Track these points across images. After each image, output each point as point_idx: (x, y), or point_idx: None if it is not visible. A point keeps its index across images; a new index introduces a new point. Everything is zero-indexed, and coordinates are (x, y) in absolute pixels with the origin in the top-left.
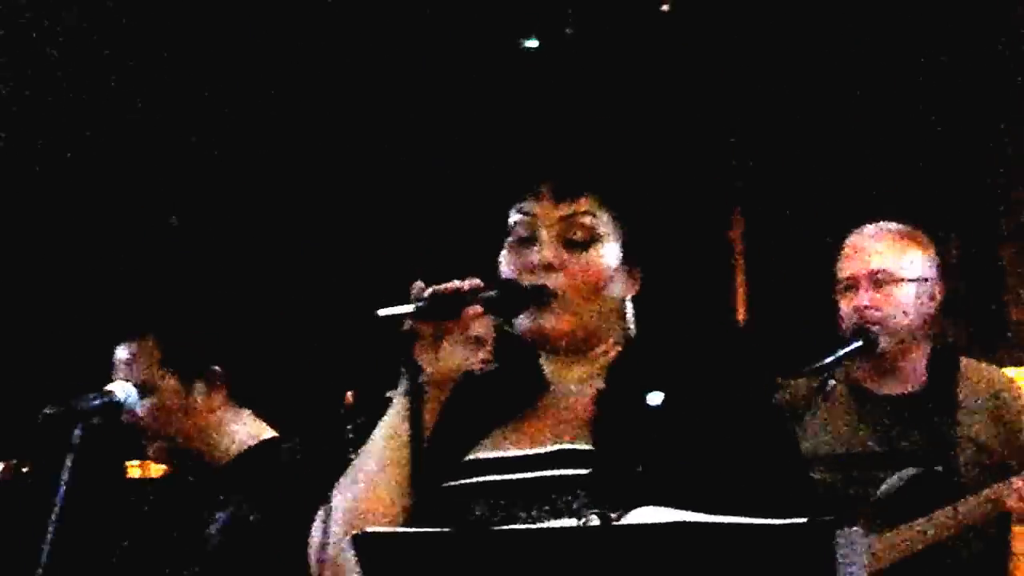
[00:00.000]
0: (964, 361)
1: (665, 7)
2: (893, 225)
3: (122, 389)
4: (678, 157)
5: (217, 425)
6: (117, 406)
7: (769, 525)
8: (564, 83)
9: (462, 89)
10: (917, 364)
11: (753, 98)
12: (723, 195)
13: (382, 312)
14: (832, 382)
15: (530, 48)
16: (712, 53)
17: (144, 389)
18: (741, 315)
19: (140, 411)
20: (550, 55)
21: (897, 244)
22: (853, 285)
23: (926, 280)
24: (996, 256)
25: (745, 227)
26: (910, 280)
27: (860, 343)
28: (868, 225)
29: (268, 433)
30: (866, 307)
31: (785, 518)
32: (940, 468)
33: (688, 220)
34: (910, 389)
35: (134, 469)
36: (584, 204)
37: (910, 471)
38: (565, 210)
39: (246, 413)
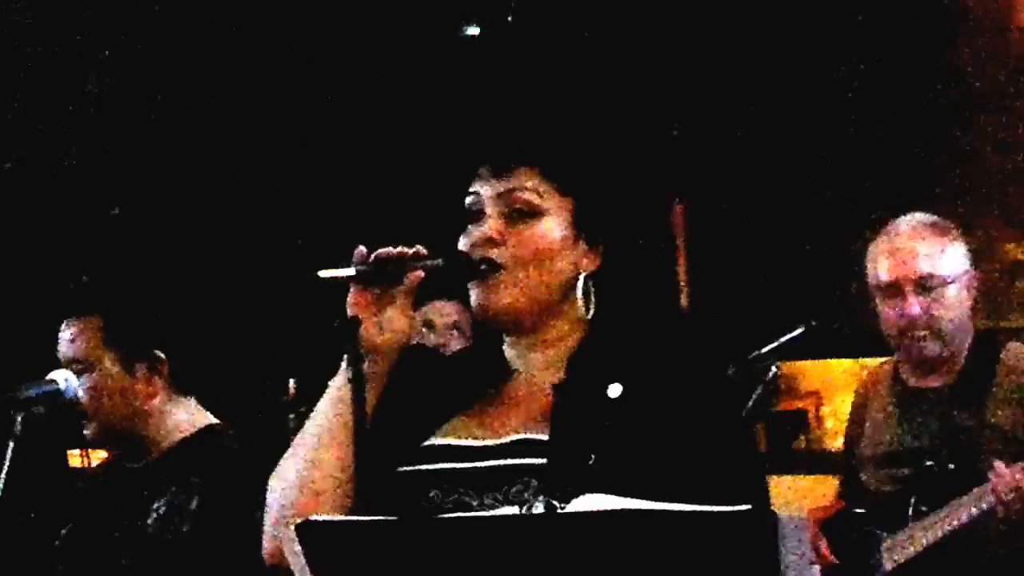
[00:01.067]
0: (1010, 346)
1: None
2: (926, 219)
3: (63, 378)
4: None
5: (157, 411)
6: (58, 395)
7: (711, 512)
8: (504, 65)
9: (404, 73)
10: (959, 355)
11: (694, 84)
12: (664, 181)
13: (323, 273)
14: (774, 368)
15: (471, 36)
16: (654, 37)
17: (84, 367)
18: (684, 301)
19: (80, 390)
20: (492, 41)
21: (937, 242)
22: (899, 291)
23: (967, 273)
24: None
25: (686, 213)
26: (955, 279)
27: (801, 330)
28: (901, 222)
29: (210, 420)
30: (918, 315)
31: (732, 504)
32: (953, 465)
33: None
34: (948, 381)
35: (75, 458)
36: (522, 177)
37: (933, 467)
38: (504, 185)
39: (188, 401)
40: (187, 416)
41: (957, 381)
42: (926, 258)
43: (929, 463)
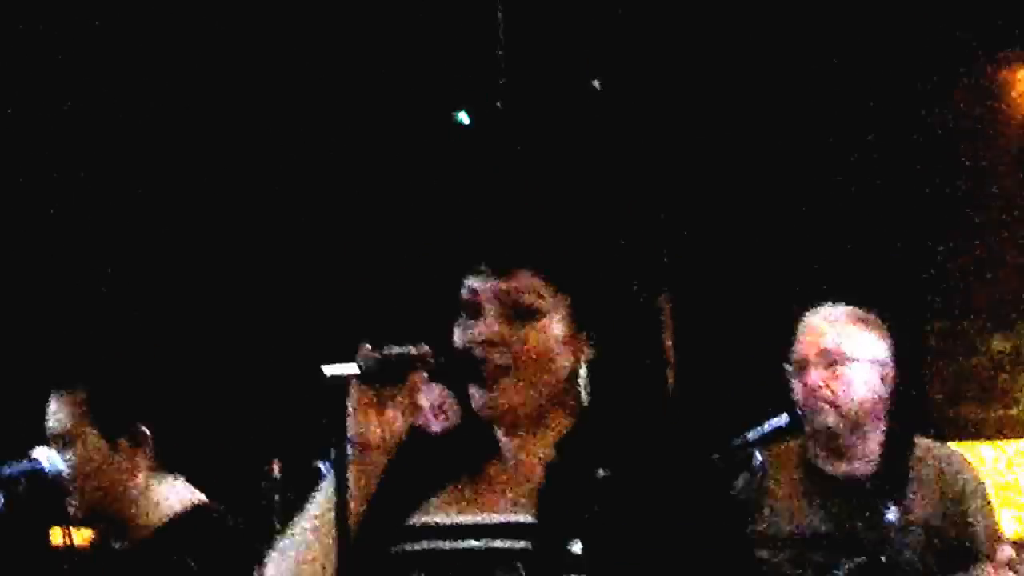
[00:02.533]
0: (919, 442)
1: (596, 83)
2: (846, 307)
3: (46, 456)
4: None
5: (141, 487)
6: (41, 473)
7: None
8: (497, 157)
9: (398, 161)
10: (870, 445)
11: (682, 173)
12: (652, 270)
13: (328, 370)
14: (759, 457)
15: (462, 122)
16: (643, 128)
17: (67, 441)
18: (671, 387)
19: (64, 466)
20: (482, 129)
21: (849, 325)
22: (805, 365)
23: (878, 361)
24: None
25: (673, 302)
26: (861, 360)
27: (787, 418)
28: (822, 306)
29: (198, 498)
30: (818, 386)
31: None
32: (886, 558)
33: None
34: (862, 470)
35: (58, 536)
36: (523, 278)
37: (857, 560)
38: (505, 285)
39: (175, 478)
40: (173, 494)
41: (876, 471)
42: (832, 335)
43: (859, 557)
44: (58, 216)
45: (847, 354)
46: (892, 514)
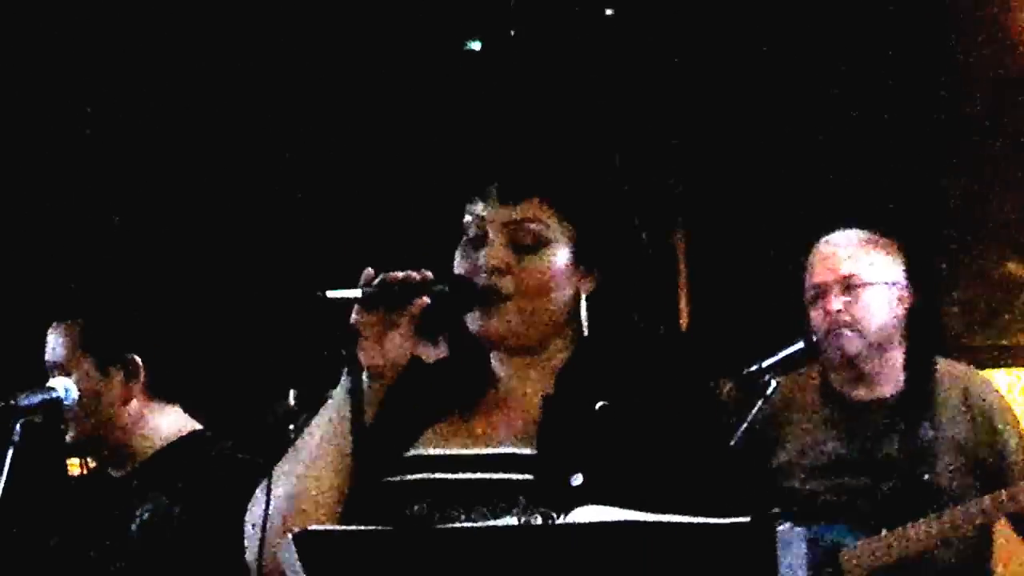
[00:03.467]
0: (940, 362)
1: (609, 11)
2: (860, 232)
3: (63, 386)
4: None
5: (134, 417)
6: (58, 403)
7: (711, 524)
8: (509, 85)
9: (409, 88)
10: (893, 368)
11: (696, 102)
12: (666, 201)
13: (330, 294)
14: (774, 384)
15: (474, 50)
16: (656, 58)
17: (62, 371)
18: (684, 320)
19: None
20: (494, 57)
21: (864, 249)
22: (823, 292)
23: (895, 283)
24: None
25: (688, 232)
26: (879, 283)
27: (802, 345)
28: (835, 233)
29: (194, 427)
30: (838, 311)
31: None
32: (923, 476)
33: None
34: (887, 393)
35: (75, 467)
36: (531, 207)
37: (895, 481)
38: (513, 213)
39: (172, 408)
40: (169, 423)
41: (902, 393)
42: (849, 261)
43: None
44: (57, 149)
45: (864, 278)
46: (925, 432)
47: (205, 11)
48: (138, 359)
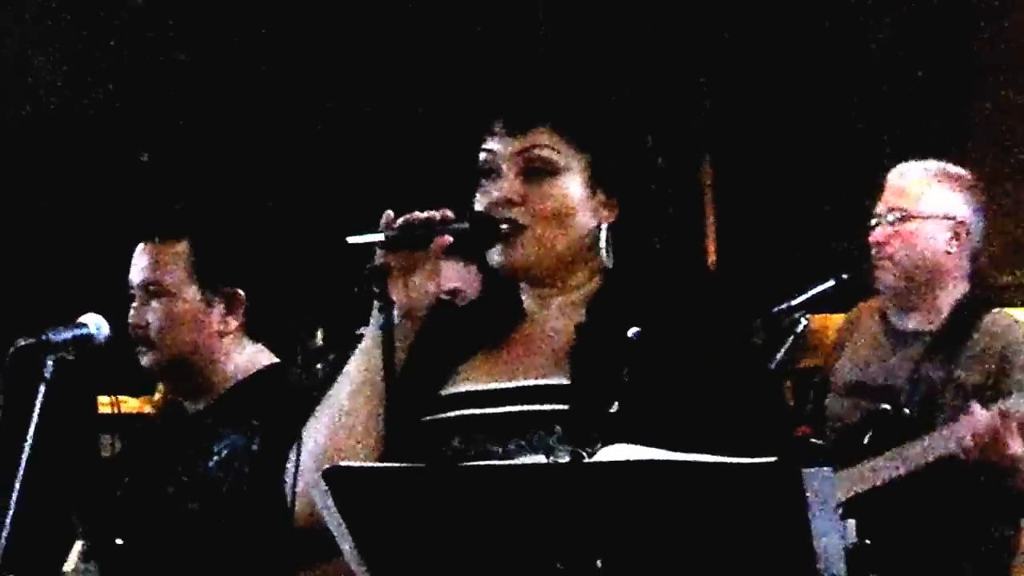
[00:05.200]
0: (993, 311)
1: None
2: (930, 163)
3: (95, 323)
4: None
5: (224, 350)
6: (89, 340)
7: (738, 464)
8: (521, 17)
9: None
10: (939, 304)
11: (723, 36)
12: (692, 137)
13: (352, 239)
14: (804, 321)
15: None
16: None
17: (162, 292)
18: (712, 258)
19: (150, 314)
20: None
21: (922, 182)
22: (877, 221)
23: (948, 219)
24: None
25: (715, 169)
26: (927, 217)
27: (833, 283)
28: (907, 162)
29: (271, 360)
30: (878, 243)
31: (756, 457)
32: (923, 410)
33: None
34: (930, 328)
35: (105, 406)
36: (539, 136)
37: (889, 409)
38: (521, 143)
39: (256, 345)
40: (248, 356)
41: (937, 332)
42: (906, 192)
43: (886, 406)
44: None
45: (913, 211)
46: (935, 372)
47: None
48: (242, 293)
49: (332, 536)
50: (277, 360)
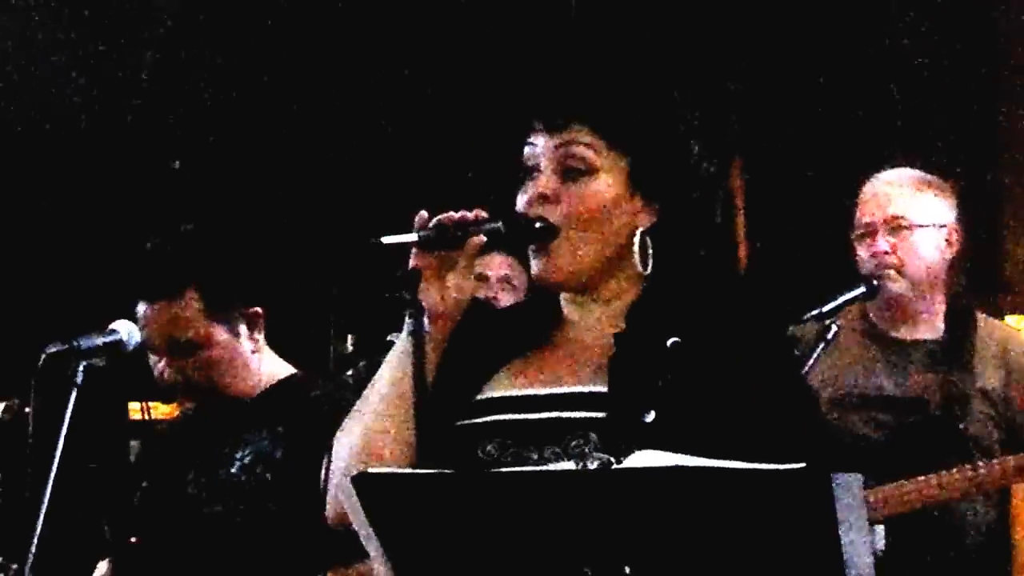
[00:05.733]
0: (979, 315)
1: None
2: (910, 171)
3: (126, 330)
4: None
5: (248, 361)
6: (120, 346)
7: (765, 470)
8: (560, 15)
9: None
10: (935, 312)
11: (754, 42)
12: (723, 142)
13: (386, 240)
14: (835, 328)
15: None
16: None
17: (191, 347)
18: (743, 263)
19: (188, 370)
20: None
21: (914, 190)
22: (870, 231)
23: (943, 226)
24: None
25: (746, 175)
26: (926, 225)
27: (864, 289)
28: (885, 172)
29: (291, 370)
30: (885, 252)
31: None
32: (955, 419)
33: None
34: (928, 336)
35: (136, 412)
36: (577, 133)
37: (926, 419)
38: (559, 140)
39: (271, 352)
40: (270, 367)
41: (943, 338)
42: (899, 200)
43: (915, 416)
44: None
45: (913, 220)
46: (963, 379)
47: None
48: (259, 309)
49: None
50: (293, 369)
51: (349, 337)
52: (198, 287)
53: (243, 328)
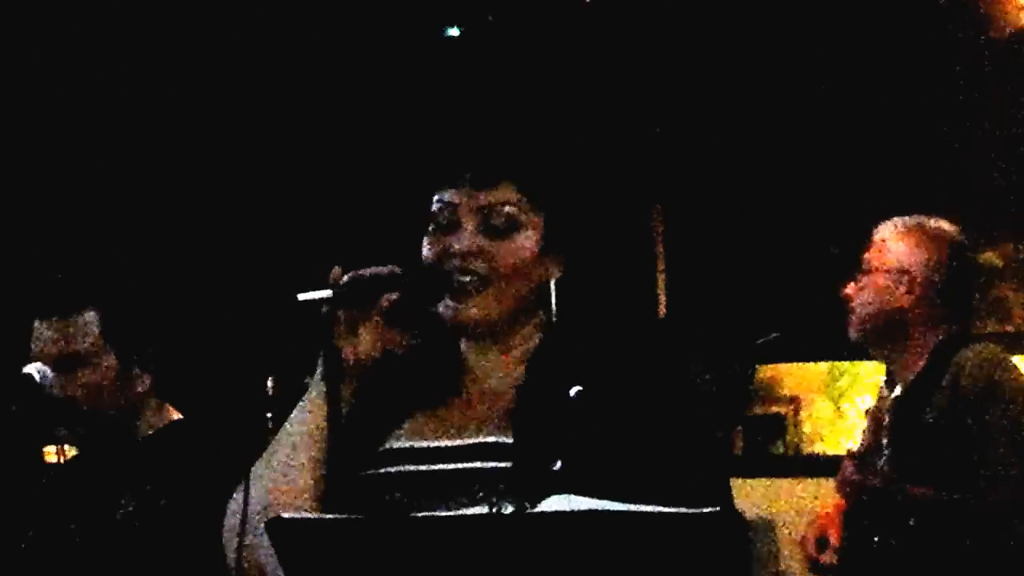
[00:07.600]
0: (968, 349)
1: None
2: (908, 219)
3: (39, 372)
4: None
5: (142, 405)
6: (34, 390)
7: (683, 514)
8: (485, 71)
9: (382, 76)
10: (915, 354)
11: (674, 89)
12: (644, 188)
13: (301, 296)
14: (754, 371)
15: (452, 36)
16: (634, 45)
17: (80, 362)
18: (662, 308)
19: (71, 386)
20: (472, 43)
21: (890, 235)
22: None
23: (902, 271)
24: None
25: (666, 220)
26: (880, 270)
27: (777, 335)
28: (893, 218)
29: (175, 416)
30: (845, 295)
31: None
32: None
33: (609, 211)
34: (909, 378)
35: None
36: (504, 192)
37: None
38: (485, 198)
39: (161, 401)
40: (160, 411)
41: (917, 378)
42: (874, 246)
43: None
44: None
45: (873, 264)
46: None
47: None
48: (152, 351)
49: None
50: (178, 415)
51: (269, 380)
52: (100, 308)
53: (134, 364)
